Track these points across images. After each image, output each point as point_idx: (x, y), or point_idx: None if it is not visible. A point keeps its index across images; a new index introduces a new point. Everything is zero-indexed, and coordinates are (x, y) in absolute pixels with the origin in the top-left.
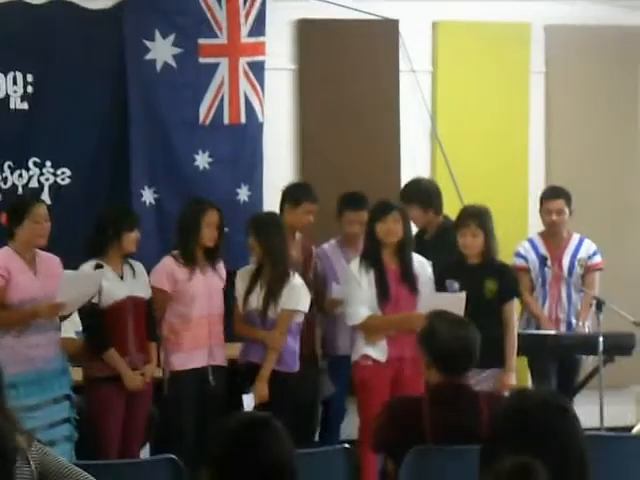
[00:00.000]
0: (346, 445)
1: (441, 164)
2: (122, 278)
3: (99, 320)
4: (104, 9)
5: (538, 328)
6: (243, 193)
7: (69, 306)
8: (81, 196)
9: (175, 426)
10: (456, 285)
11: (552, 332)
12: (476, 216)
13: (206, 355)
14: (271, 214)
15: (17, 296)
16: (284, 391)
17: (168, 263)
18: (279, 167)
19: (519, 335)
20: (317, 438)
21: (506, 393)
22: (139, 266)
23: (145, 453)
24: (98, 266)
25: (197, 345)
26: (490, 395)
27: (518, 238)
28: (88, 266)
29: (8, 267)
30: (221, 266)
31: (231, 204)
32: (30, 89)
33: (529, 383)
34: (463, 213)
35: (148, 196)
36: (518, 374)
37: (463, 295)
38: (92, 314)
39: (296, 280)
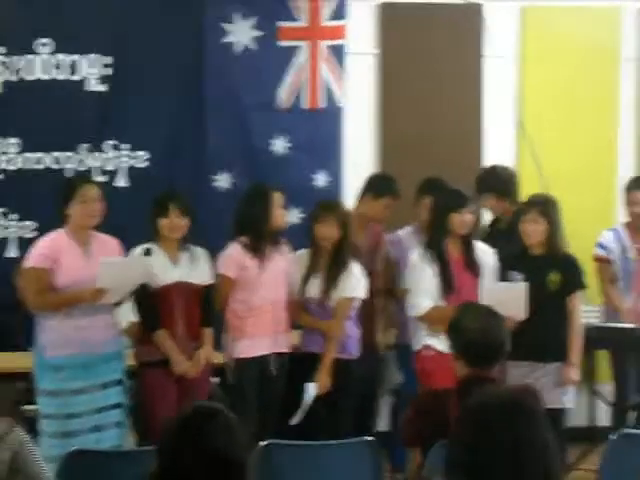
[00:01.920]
0: (369, 438)
1: (526, 151)
2: (175, 263)
3: (150, 300)
4: None
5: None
6: (321, 179)
7: (113, 292)
8: (158, 179)
9: (238, 413)
10: (519, 277)
11: (632, 326)
12: (538, 204)
13: (270, 342)
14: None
15: (65, 279)
16: (346, 378)
17: (235, 250)
18: (359, 152)
19: (599, 328)
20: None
21: (570, 387)
22: (200, 252)
23: None
24: (147, 251)
25: (261, 332)
26: (524, 389)
27: (605, 228)
28: (138, 250)
29: (57, 249)
30: (285, 250)
31: (308, 190)
32: (108, 71)
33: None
34: (526, 201)
35: (224, 181)
36: (600, 368)
37: (525, 285)
38: (144, 295)
39: (354, 266)
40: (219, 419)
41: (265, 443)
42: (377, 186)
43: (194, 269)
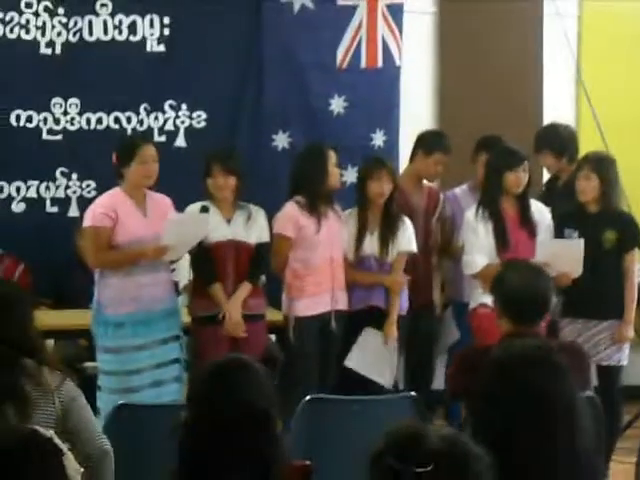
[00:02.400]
0: (412, 394)
1: (586, 110)
2: (228, 221)
3: (206, 255)
4: None
5: None
6: (378, 138)
7: (175, 249)
8: (216, 139)
9: (299, 371)
10: (575, 234)
11: None
12: (592, 161)
13: (329, 300)
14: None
15: (125, 237)
16: (399, 333)
17: (291, 209)
18: (416, 112)
19: None
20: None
21: (625, 345)
22: (257, 211)
23: None
24: (204, 208)
25: (320, 290)
26: (569, 345)
27: None
28: (195, 207)
29: (116, 208)
30: (339, 208)
31: (366, 149)
32: (166, 31)
33: None
34: (582, 158)
35: (282, 140)
36: None
37: (581, 242)
38: (199, 251)
39: (407, 221)
40: (248, 371)
41: (308, 398)
42: (427, 142)
43: (248, 228)
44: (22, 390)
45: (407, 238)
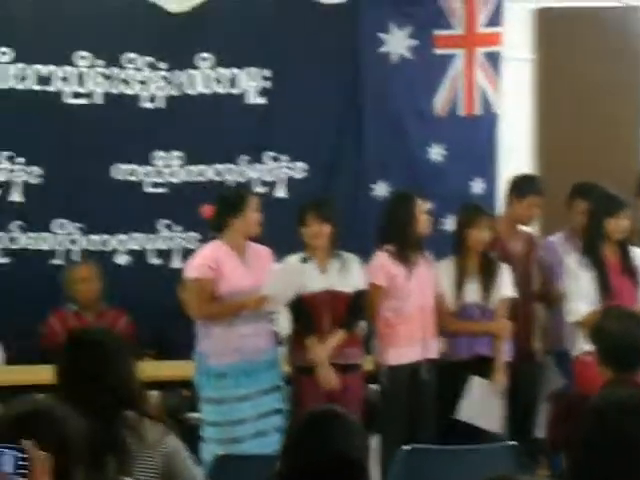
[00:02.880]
0: (513, 443)
1: None
2: (324, 271)
3: (302, 306)
4: (339, 3)
5: None
6: (477, 186)
7: (275, 299)
8: (316, 190)
9: (390, 419)
10: None
11: None
12: None
13: (420, 349)
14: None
15: (226, 288)
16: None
17: (383, 258)
18: (516, 159)
19: None
20: None
21: None
22: (351, 259)
23: None
24: (304, 259)
25: (411, 339)
26: None
27: None
28: (294, 258)
29: (218, 259)
30: (429, 256)
31: (464, 197)
32: (266, 84)
33: None
34: None
35: (381, 189)
36: None
37: None
38: (296, 301)
39: (505, 267)
40: (342, 421)
41: (408, 447)
42: (519, 186)
43: (344, 277)
44: (123, 443)
45: (506, 284)
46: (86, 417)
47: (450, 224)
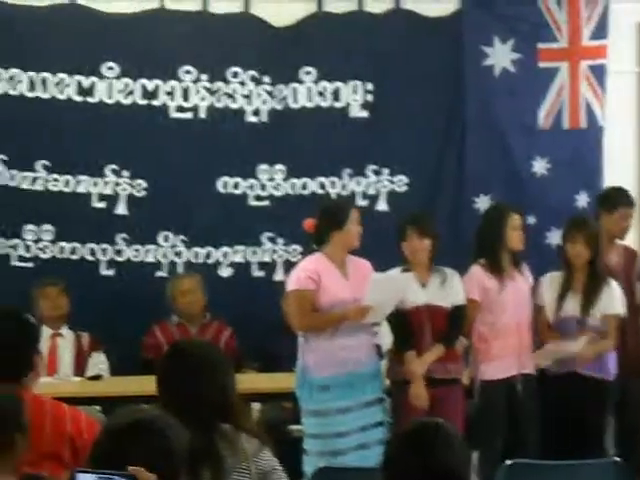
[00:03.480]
0: (617, 459)
1: None
2: (424, 285)
3: (402, 320)
4: (442, 17)
5: None
6: (582, 199)
7: (376, 310)
8: (418, 203)
9: (486, 434)
10: None
11: None
12: None
13: (516, 364)
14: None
15: (327, 299)
16: (602, 398)
17: (477, 272)
18: (621, 172)
19: None
20: None
21: None
22: (452, 275)
23: None
24: (405, 271)
25: (507, 354)
26: None
27: None
28: (395, 271)
29: (319, 271)
30: (526, 270)
31: (569, 210)
32: (369, 97)
33: None
34: None
35: (484, 203)
36: None
37: None
38: (396, 315)
39: (613, 283)
40: (443, 434)
41: (509, 462)
42: (609, 199)
43: (444, 291)
44: (218, 455)
45: (612, 300)
46: (184, 428)
47: (555, 237)
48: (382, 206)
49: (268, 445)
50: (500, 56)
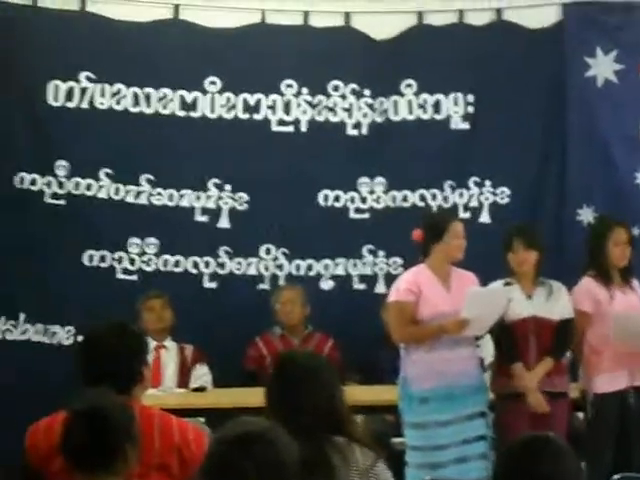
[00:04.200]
0: None
1: None
2: (530, 297)
3: (506, 332)
4: (544, 28)
5: None
6: None
7: (476, 323)
8: (520, 215)
9: (596, 447)
10: None
11: None
12: None
13: (627, 376)
14: None
15: (428, 311)
16: None
17: (587, 284)
18: None
19: None
20: None
21: None
22: (558, 287)
23: None
24: (506, 284)
25: (618, 366)
26: None
27: None
28: (497, 283)
29: (420, 283)
30: (636, 284)
31: None
32: (470, 109)
33: None
34: None
35: (586, 215)
36: None
37: None
38: (500, 328)
39: None
40: (553, 448)
41: (618, 476)
42: None
43: (550, 304)
44: (330, 466)
45: None
46: (294, 439)
47: None
48: (484, 218)
49: (382, 457)
50: (603, 67)
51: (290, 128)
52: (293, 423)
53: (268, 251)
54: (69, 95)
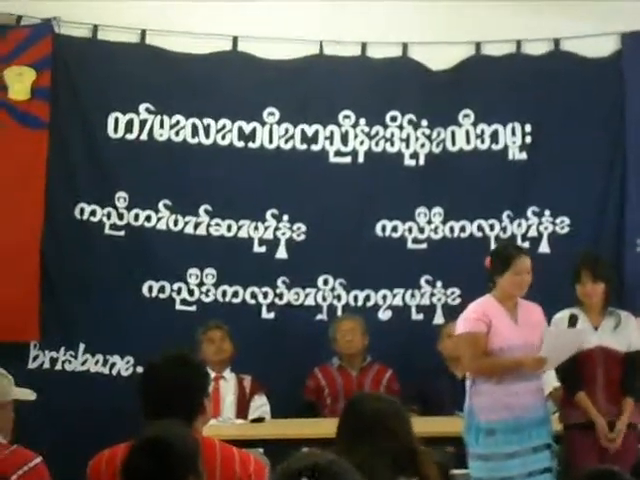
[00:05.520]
0: None
1: None
2: (596, 327)
3: (572, 364)
4: (602, 57)
5: None
6: None
7: (552, 361)
8: (580, 244)
9: None
10: None
11: None
12: None
13: None
14: None
15: (497, 343)
16: None
17: None
18: None
19: None
20: None
21: None
22: (627, 317)
23: None
24: (572, 317)
25: None
26: None
27: None
28: (563, 315)
29: (489, 314)
30: None
31: None
32: (528, 139)
33: None
34: None
35: None
36: None
37: None
38: (567, 359)
39: None
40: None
41: None
42: None
43: (617, 334)
44: None
45: None
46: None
47: None
48: (544, 248)
49: None
50: None
51: (348, 159)
52: (362, 461)
53: (326, 282)
54: (129, 127)
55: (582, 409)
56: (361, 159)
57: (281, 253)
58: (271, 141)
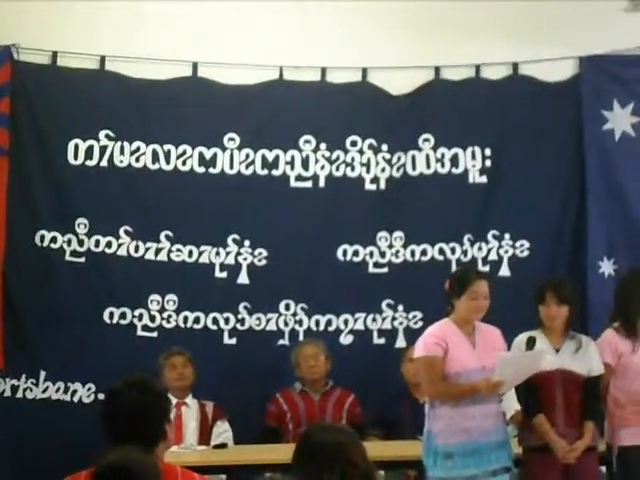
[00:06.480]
0: None
1: None
2: (557, 351)
3: (530, 386)
4: (561, 81)
5: None
6: None
7: (508, 384)
8: (540, 268)
9: None
10: None
11: None
12: None
13: None
14: None
15: (454, 367)
16: None
17: (610, 336)
18: None
19: None
20: None
21: None
22: (587, 342)
23: None
24: (530, 339)
25: None
26: None
27: None
28: (522, 338)
29: (446, 338)
30: None
31: None
32: (488, 163)
33: None
34: None
35: (607, 267)
36: None
37: None
38: (526, 381)
39: None
40: None
41: None
42: None
43: (577, 358)
44: None
45: None
46: None
47: None
48: (505, 272)
49: None
50: (620, 120)
51: (308, 184)
52: None
53: (288, 307)
54: (89, 153)
55: (540, 432)
56: (322, 184)
57: (242, 278)
58: (232, 166)
